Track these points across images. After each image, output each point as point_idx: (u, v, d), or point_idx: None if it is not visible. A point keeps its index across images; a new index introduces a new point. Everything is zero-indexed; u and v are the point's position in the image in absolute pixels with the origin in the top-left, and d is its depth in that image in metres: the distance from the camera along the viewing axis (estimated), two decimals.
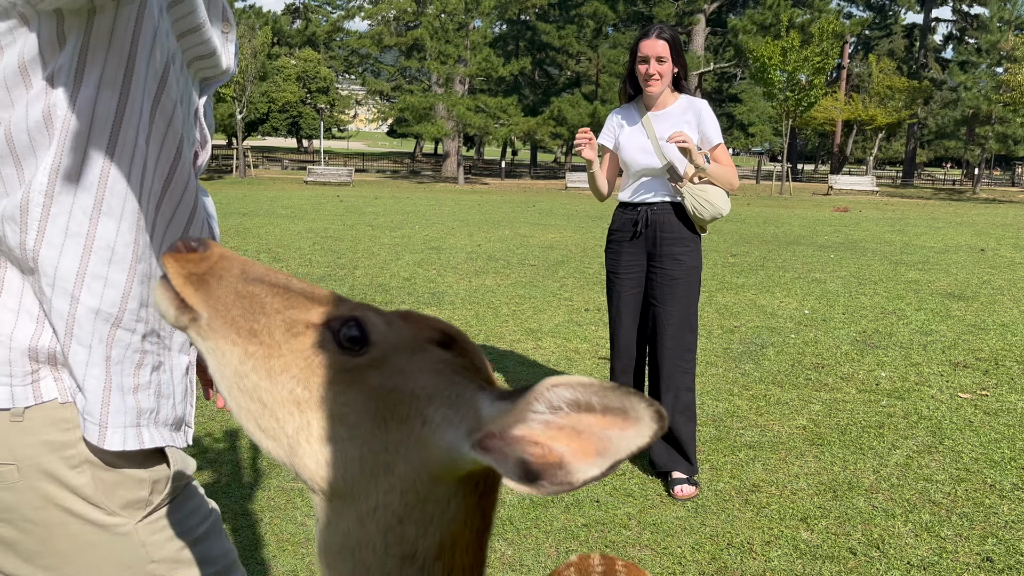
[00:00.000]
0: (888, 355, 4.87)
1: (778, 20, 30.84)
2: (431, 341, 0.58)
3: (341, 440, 0.55)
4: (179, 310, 0.58)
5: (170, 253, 0.59)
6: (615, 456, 0.50)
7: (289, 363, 0.56)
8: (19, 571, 0.83)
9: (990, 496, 2.88)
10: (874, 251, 10.43)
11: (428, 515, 0.55)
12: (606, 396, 0.50)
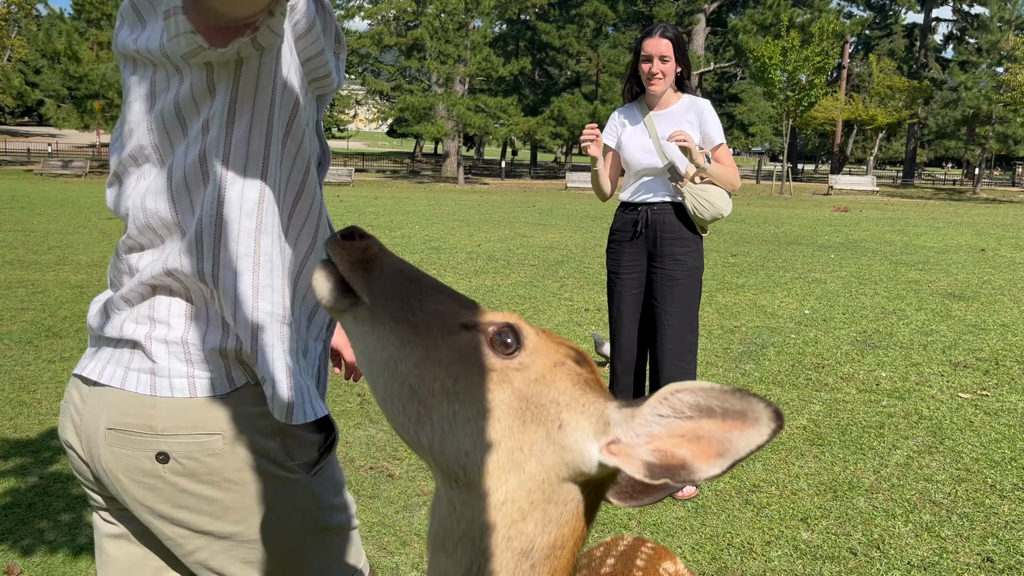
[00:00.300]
0: (888, 355, 4.87)
1: (778, 20, 30.83)
2: (569, 357, 0.63)
3: (482, 433, 0.59)
4: (341, 294, 0.63)
5: (335, 241, 0.64)
6: (735, 456, 0.54)
7: (443, 357, 0.60)
8: (209, 527, 0.97)
9: (990, 496, 2.88)
10: (874, 251, 10.43)
11: (549, 515, 0.60)
12: (727, 399, 0.54)
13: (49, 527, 2.51)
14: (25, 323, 5.15)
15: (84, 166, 28.39)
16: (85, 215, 12.64)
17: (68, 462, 1.04)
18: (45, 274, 7.00)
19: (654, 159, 2.91)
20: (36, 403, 3.63)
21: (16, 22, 41.92)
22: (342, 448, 3.21)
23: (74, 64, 27.42)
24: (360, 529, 2.54)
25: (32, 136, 56.99)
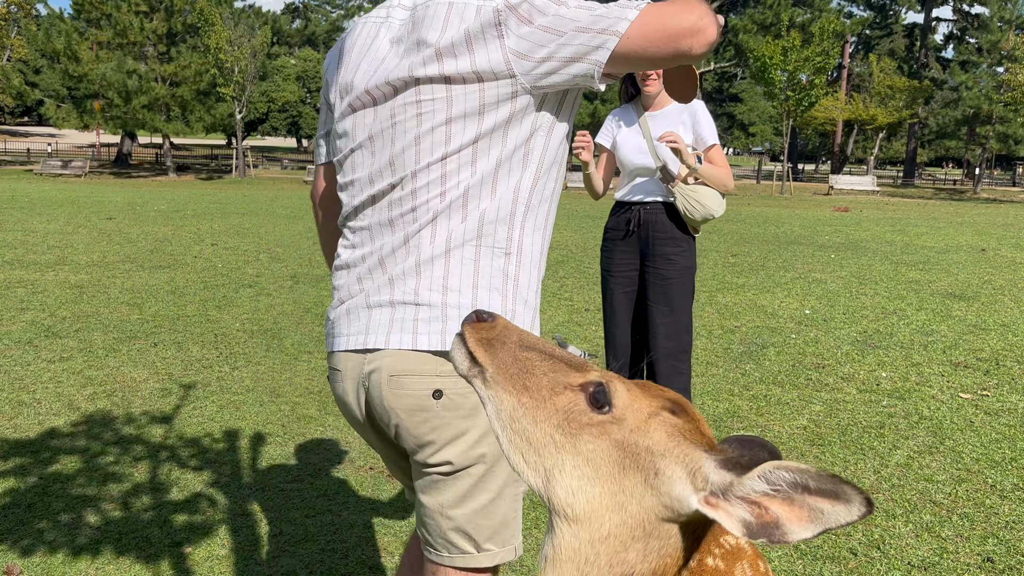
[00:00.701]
0: (889, 355, 4.87)
1: (778, 19, 30.84)
2: (664, 408, 0.72)
3: (587, 478, 0.70)
4: (471, 363, 0.76)
5: (467, 323, 0.78)
6: (825, 525, 0.62)
7: (551, 414, 0.72)
8: (455, 449, 1.21)
9: (991, 496, 2.87)
10: (875, 251, 10.43)
11: (650, 547, 0.69)
12: (821, 481, 0.61)
13: (49, 527, 2.50)
14: (25, 323, 5.15)
15: (84, 166, 28.39)
16: (85, 215, 12.64)
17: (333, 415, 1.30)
18: (45, 274, 6.99)
19: (647, 159, 2.92)
20: (36, 403, 3.63)
21: (16, 22, 41.90)
22: (342, 448, 3.21)
23: (74, 64, 27.42)
24: (360, 529, 2.55)
25: (32, 136, 56.98)
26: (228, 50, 27.16)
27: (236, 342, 4.82)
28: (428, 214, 1.19)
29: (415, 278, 1.18)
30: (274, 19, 37.19)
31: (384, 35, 1.24)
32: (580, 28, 1.11)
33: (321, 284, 6.87)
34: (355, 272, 1.25)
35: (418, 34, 1.18)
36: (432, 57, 1.15)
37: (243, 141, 30.75)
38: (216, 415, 3.55)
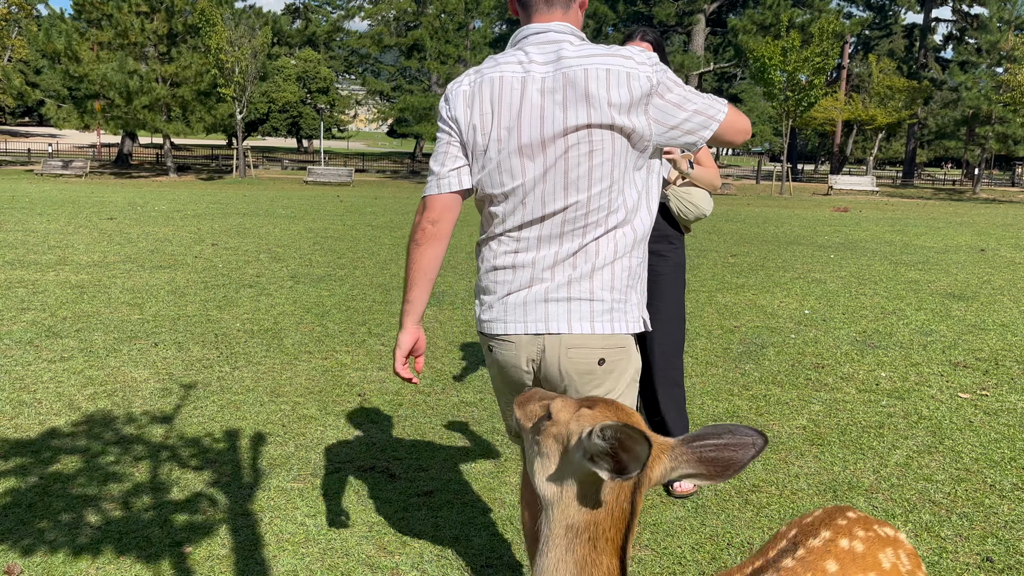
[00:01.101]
0: (888, 355, 4.87)
1: (778, 20, 30.83)
2: (582, 406, 1.03)
3: (546, 468, 1.02)
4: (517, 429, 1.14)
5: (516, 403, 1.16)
6: (638, 463, 0.90)
7: (532, 432, 1.08)
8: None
9: (990, 496, 2.88)
10: (874, 251, 10.43)
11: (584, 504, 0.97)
12: (617, 431, 0.91)
13: (49, 527, 2.51)
14: (25, 323, 5.15)
15: (84, 166, 28.39)
16: (85, 215, 12.64)
17: (504, 376, 1.70)
18: (45, 274, 7.00)
19: None
20: (36, 403, 3.63)
21: (16, 22, 41.91)
22: (342, 448, 3.22)
23: (74, 64, 27.42)
24: (360, 529, 2.55)
25: (32, 136, 56.97)
26: (229, 50, 27.17)
27: (236, 342, 4.83)
28: (599, 229, 1.57)
29: (589, 281, 1.57)
30: (274, 19, 37.17)
31: (532, 87, 1.56)
32: (696, 110, 1.55)
33: (321, 284, 6.88)
34: (526, 272, 1.61)
35: (584, 89, 1.52)
36: (605, 108, 1.51)
37: (243, 141, 30.76)
38: (216, 415, 3.55)
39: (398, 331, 1.73)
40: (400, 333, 1.72)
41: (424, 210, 1.75)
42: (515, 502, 2.77)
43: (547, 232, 1.59)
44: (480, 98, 1.61)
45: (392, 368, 1.75)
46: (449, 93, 1.68)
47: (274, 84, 48.12)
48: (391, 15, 42.77)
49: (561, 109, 1.53)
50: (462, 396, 3.93)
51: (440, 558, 2.39)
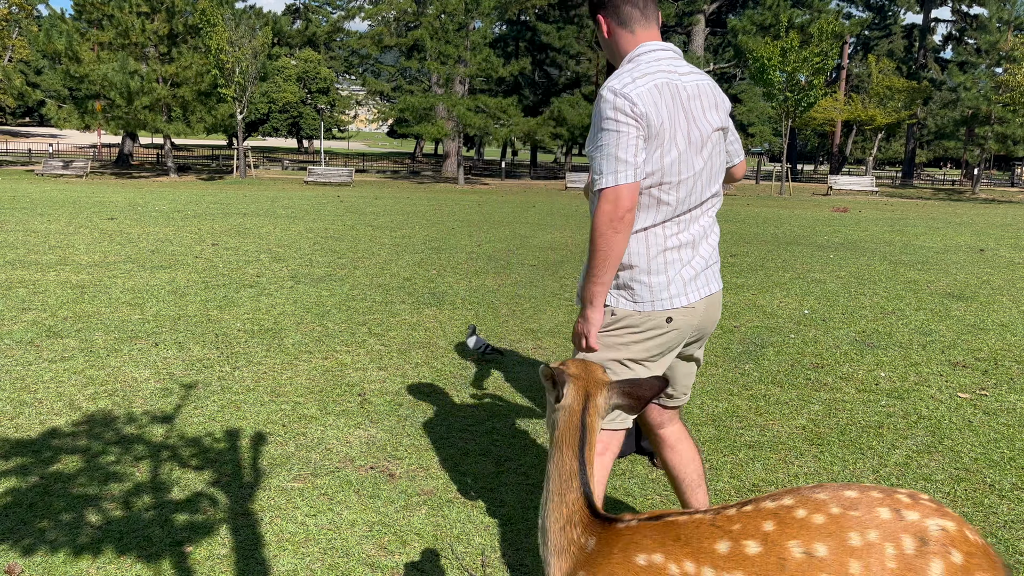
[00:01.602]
0: (887, 355, 4.88)
1: (778, 20, 30.82)
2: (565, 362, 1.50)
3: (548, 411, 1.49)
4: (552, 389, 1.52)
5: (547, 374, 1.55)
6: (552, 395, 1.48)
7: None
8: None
9: (989, 496, 2.88)
10: (873, 251, 10.44)
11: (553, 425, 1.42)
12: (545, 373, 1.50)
13: (50, 527, 2.51)
14: (26, 323, 5.15)
15: (85, 166, 28.40)
16: (86, 215, 12.65)
17: (669, 336, 2.02)
18: (46, 274, 7.00)
19: None
20: (37, 403, 3.64)
21: (17, 22, 41.91)
22: (342, 448, 3.22)
23: (75, 64, 27.42)
24: (360, 528, 2.55)
25: (33, 136, 56.96)
26: (229, 51, 27.17)
27: (237, 342, 4.83)
28: (717, 208, 2.08)
29: (715, 249, 2.08)
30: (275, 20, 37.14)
31: (689, 93, 1.95)
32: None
33: (321, 284, 6.88)
34: (689, 249, 2.00)
35: (713, 98, 2.00)
36: (724, 115, 2.03)
37: (244, 142, 30.76)
38: (217, 415, 3.56)
39: (586, 310, 1.96)
40: (592, 312, 1.96)
41: (619, 199, 1.87)
42: (515, 502, 2.78)
43: (698, 214, 2.01)
44: (663, 99, 1.90)
45: (587, 342, 1.95)
46: (630, 93, 1.87)
47: (274, 84, 48.11)
48: (391, 15, 42.75)
49: (705, 113, 1.96)
50: (462, 396, 3.94)
51: (440, 558, 2.39)
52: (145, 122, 28.48)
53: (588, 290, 1.94)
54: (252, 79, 28.49)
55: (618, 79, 1.89)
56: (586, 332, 1.97)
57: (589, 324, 1.96)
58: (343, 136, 63.26)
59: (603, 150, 1.87)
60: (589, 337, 1.97)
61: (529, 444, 3.33)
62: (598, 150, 1.88)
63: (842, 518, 1.15)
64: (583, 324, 1.97)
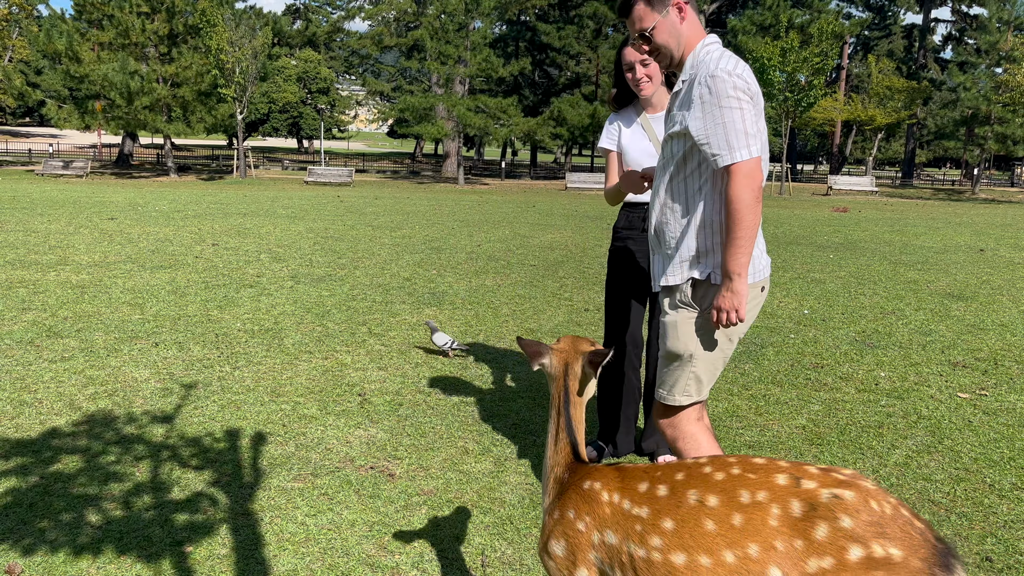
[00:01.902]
0: (887, 355, 4.88)
1: (777, 21, 30.83)
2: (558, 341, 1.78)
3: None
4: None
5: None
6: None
7: None
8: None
9: (989, 496, 2.88)
10: (873, 251, 10.44)
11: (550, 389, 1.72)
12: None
13: (50, 527, 2.51)
14: (26, 323, 5.16)
15: (85, 166, 28.40)
16: (86, 215, 12.65)
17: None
18: (46, 274, 7.01)
19: (653, 163, 2.92)
20: (37, 403, 3.64)
21: (17, 23, 41.91)
22: (342, 448, 3.22)
23: (75, 65, 27.42)
24: (360, 529, 2.55)
25: (33, 136, 56.97)
26: (229, 51, 27.17)
27: (237, 342, 4.83)
28: None
29: None
30: (275, 20, 37.16)
31: None
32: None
33: (321, 284, 6.89)
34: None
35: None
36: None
37: (244, 142, 30.76)
38: (217, 415, 3.56)
39: (735, 283, 1.98)
40: (741, 283, 1.98)
41: (754, 170, 1.97)
42: (515, 502, 2.78)
43: None
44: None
45: (738, 315, 2.00)
46: (743, 73, 2.00)
47: (274, 84, 48.10)
48: (391, 16, 42.75)
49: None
50: (462, 396, 3.94)
51: (440, 558, 2.40)
52: (145, 122, 28.48)
53: (736, 262, 1.97)
54: (252, 79, 28.49)
55: (724, 61, 2.00)
56: (737, 305, 1.99)
57: (739, 296, 1.99)
58: (343, 136, 63.26)
59: (729, 126, 1.96)
60: (740, 309, 1.99)
61: (529, 444, 3.33)
62: (721, 127, 1.96)
63: (739, 478, 1.36)
64: (732, 297, 1.98)
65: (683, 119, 2.06)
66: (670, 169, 2.15)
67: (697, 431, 2.19)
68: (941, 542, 1.22)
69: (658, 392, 2.22)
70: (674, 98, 2.16)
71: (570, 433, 1.66)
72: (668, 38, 2.10)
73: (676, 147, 2.12)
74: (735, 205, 1.96)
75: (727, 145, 1.97)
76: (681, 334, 2.12)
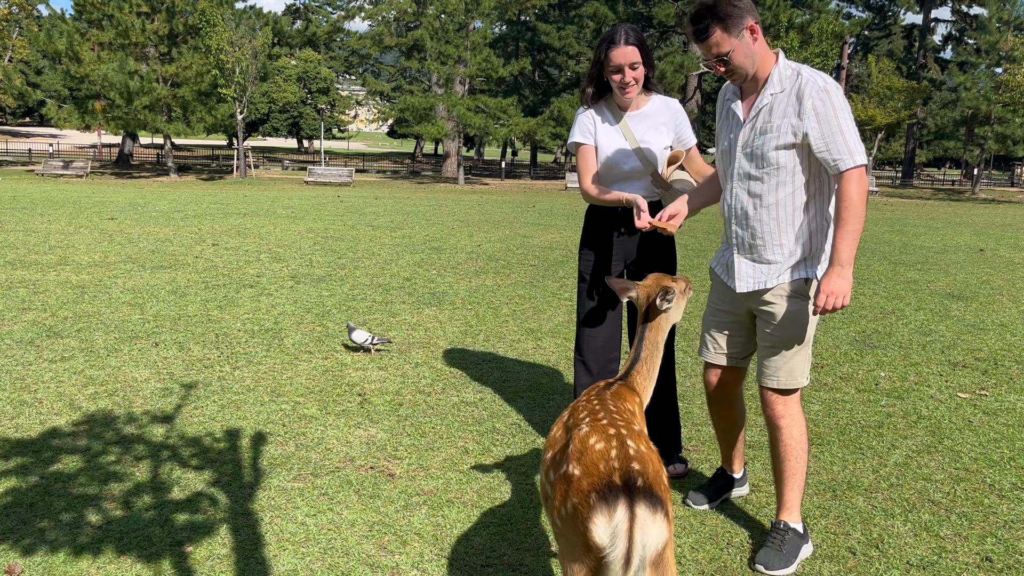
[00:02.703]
0: (887, 355, 4.88)
1: (777, 21, 30.81)
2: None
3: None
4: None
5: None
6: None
7: None
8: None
9: (989, 496, 2.88)
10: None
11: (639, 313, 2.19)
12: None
13: (50, 527, 2.51)
14: (26, 323, 5.16)
15: (85, 166, 28.40)
16: (86, 215, 12.65)
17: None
18: (46, 274, 7.01)
19: (635, 162, 2.89)
20: (37, 403, 3.64)
21: (17, 22, 41.91)
22: (342, 448, 3.22)
23: (75, 65, 27.42)
24: (360, 529, 2.56)
25: (33, 136, 56.97)
26: (229, 51, 27.17)
27: (237, 342, 4.83)
28: None
29: None
30: (275, 20, 37.14)
31: None
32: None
33: (321, 284, 6.89)
34: None
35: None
36: None
37: (244, 142, 30.76)
38: (217, 415, 3.56)
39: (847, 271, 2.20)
40: (850, 272, 2.21)
41: (865, 173, 2.21)
42: (515, 502, 2.78)
43: None
44: None
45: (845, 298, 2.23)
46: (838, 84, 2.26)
47: (275, 84, 48.09)
48: (391, 16, 42.75)
49: None
50: (462, 396, 3.94)
51: (440, 558, 2.39)
52: (145, 122, 28.48)
53: (849, 253, 2.20)
54: (252, 79, 28.49)
55: (825, 76, 2.24)
56: (847, 290, 2.21)
57: (848, 283, 2.22)
58: (343, 136, 63.26)
59: (848, 134, 2.18)
60: (848, 294, 2.22)
61: (529, 444, 3.33)
62: (840, 134, 2.18)
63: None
64: (843, 283, 2.20)
65: (793, 130, 2.22)
66: (775, 179, 2.29)
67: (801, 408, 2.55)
68: (623, 481, 1.44)
69: (775, 380, 2.51)
70: (761, 112, 2.29)
71: (634, 356, 2.04)
72: (744, 59, 2.26)
73: (785, 159, 2.26)
74: (854, 203, 2.17)
75: (848, 151, 2.18)
76: (801, 321, 2.38)
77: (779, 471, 2.47)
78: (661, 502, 1.45)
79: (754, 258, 2.39)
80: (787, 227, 2.31)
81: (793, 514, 2.44)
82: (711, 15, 2.21)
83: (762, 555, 2.36)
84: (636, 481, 1.44)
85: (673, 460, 3.12)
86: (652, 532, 1.41)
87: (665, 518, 1.44)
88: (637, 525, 1.40)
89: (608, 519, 1.40)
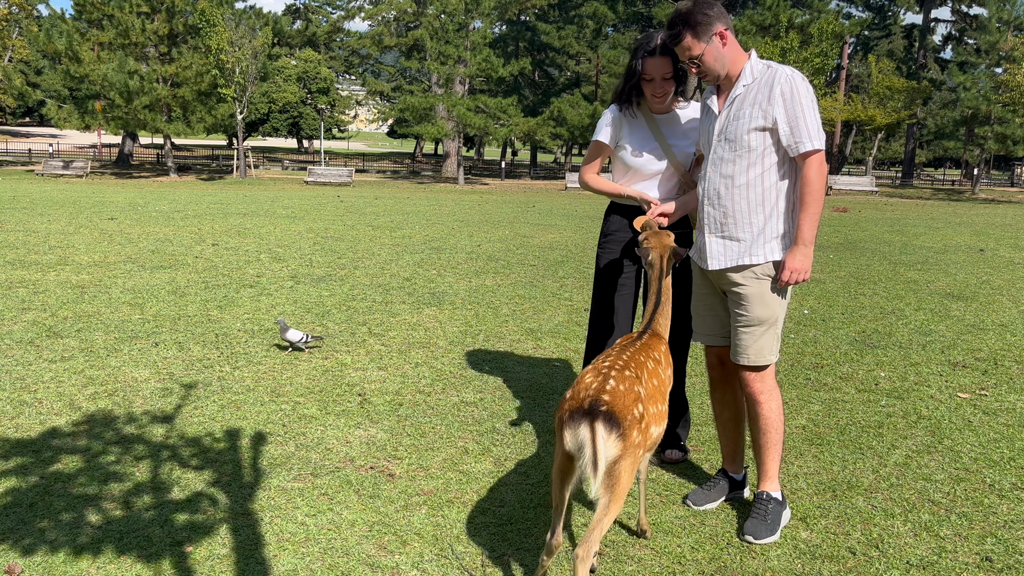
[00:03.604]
0: (887, 355, 4.88)
1: (777, 21, 30.83)
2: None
3: None
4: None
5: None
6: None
7: None
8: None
9: (989, 496, 2.88)
10: (873, 251, 10.44)
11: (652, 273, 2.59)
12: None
13: (50, 527, 2.51)
14: (26, 323, 5.16)
15: (85, 166, 28.40)
16: (86, 215, 12.65)
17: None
18: (46, 274, 7.01)
19: (663, 163, 2.92)
20: (37, 403, 3.64)
21: (17, 22, 41.90)
22: (342, 448, 3.22)
23: (75, 65, 27.42)
24: (360, 529, 2.55)
25: (33, 136, 56.97)
26: (229, 51, 27.17)
27: (237, 342, 4.83)
28: None
29: None
30: (275, 20, 37.16)
31: None
32: None
33: (321, 284, 6.89)
34: None
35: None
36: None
37: (244, 142, 30.76)
38: (217, 414, 3.56)
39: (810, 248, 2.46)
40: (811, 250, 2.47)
41: (824, 158, 2.44)
42: (515, 502, 2.78)
43: None
44: None
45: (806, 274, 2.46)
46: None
47: (274, 84, 48.09)
48: (391, 16, 42.75)
49: None
50: (462, 396, 3.94)
51: (440, 558, 2.39)
52: (145, 122, 28.49)
53: (810, 233, 2.41)
54: (252, 79, 28.49)
55: (790, 67, 2.44)
56: (808, 267, 2.44)
57: (809, 260, 2.44)
58: (343, 136, 63.26)
59: (810, 120, 2.38)
60: (808, 271, 2.44)
61: (529, 444, 3.33)
62: (803, 120, 2.38)
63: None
64: (805, 260, 2.43)
65: (764, 114, 2.41)
66: (746, 160, 2.47)
67: (776, 382, 2.65)
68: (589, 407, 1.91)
69: (745, 358, 2.56)
70: (735, 101, 2.49)
71: (652, 312, 2.44)
72: (714, 62, 2.48)
73: (756, 141, 2.45)
74: (813, 185, 2.39)
75: (808, 135, 2.38)
76: (768, 301, 2.52)
77: (759, 443, 2.63)
78: (618, 425, 1.89)
79: (724, 235, 2.54)
80: (756, 207, 2.49)
81: (773, 483, 2.63)
82: (683, 22, 2.45)
83: (749, 525, 2.54)
84: (600, 407, 1.90)
85: (674, 446, 3.21)
86: (605, 447, 1.87)
87: (620, 439, 1.89)
88: (598, 439, 1.86)
89: (573, 433, 1.90)
